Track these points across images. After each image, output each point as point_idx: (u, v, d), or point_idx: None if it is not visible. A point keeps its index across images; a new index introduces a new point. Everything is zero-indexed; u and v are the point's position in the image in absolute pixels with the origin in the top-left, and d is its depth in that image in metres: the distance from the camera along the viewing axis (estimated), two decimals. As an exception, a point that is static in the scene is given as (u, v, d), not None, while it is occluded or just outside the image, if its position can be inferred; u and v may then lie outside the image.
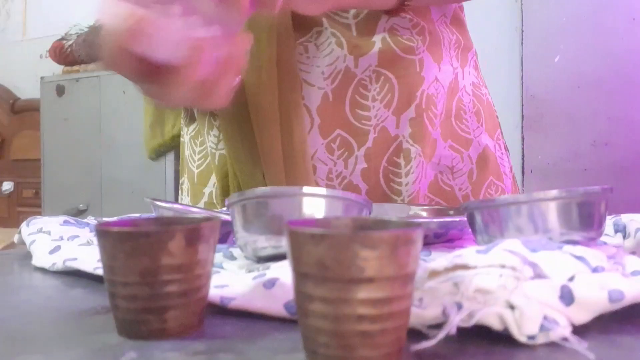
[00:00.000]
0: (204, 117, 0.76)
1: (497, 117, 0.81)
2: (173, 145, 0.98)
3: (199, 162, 0.78)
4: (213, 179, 0.76)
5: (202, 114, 0.76)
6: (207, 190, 0.76)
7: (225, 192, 0.74)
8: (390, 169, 0.70)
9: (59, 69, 3.08)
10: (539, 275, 0.33)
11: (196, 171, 0.78)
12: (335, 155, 0.69)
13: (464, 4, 0.78)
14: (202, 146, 0.77)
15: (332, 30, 0.69)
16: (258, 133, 0.68)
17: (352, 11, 0.69)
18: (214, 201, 0.76)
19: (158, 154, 1.00)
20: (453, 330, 0.29)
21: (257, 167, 0.68)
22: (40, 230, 0.58)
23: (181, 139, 0.84)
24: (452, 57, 0.75)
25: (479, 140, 0.76)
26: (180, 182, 0.84)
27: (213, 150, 0.75)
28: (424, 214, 0.65)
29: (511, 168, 0.81)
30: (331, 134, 0.69)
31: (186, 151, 0.81)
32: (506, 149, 0.81)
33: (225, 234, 0.55)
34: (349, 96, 0.69)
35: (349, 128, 0.69)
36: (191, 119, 0.79)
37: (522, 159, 1.95)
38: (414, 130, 0.70)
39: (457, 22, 0.77)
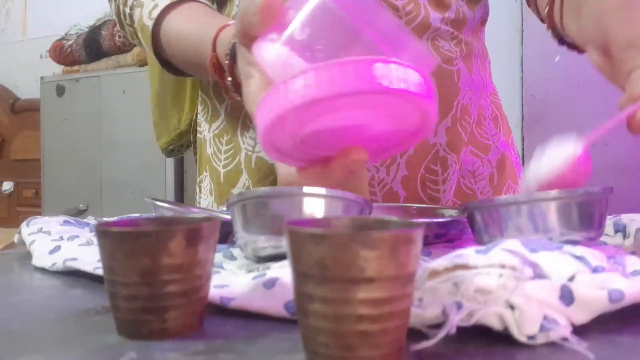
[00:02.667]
0: (236, 118, 0.74)
1: (508, 122, 0.83)
2: (183, 143, 0.97)
3: (226, 161, 0.76)
4: (243, 179, 0.74)
5: (232, 114, 0.74)
6: (235, 191, 0.75)
7: None
8: (428, 176, 0.71)
9: (59, 69, 3.08)
10: (539, 275, 0.33)
11: (222, 170, 0.76)
12: (379, 162, 0.69)
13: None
14: (230, 145, 0.75)
15: None
16: None
17: (402, 21, 0.69)
18: None
19: (169, 152, 0.99)
20: (453, 330, 0.29)
21: None
22: (40, 230, 0.58)
23: (199, 135, 0.82)
24: (480, 67, 0.77)
25: (497, 145, 0.78)
26: (197, 180, 0.82)
27: (249, 153, 0.73)
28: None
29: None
30: None
31: (208, 149, 0.78)
32: (517, 153, 0.83)
33: (225, 234, 0.55)
34: None
35: None
36: (213, 115, 0.78)
37: (522, 159, 1.95)
38: (450, 139, 0.71)
39: (476, 33, 0.77)
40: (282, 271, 0.36)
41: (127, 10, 0.75)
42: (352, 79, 0.34)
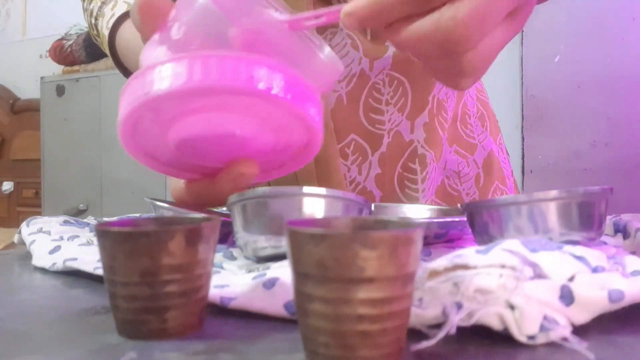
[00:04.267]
0: None
1: (497, 121, 0.81)
2: None
3: None
4: None
5: None
6: None
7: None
8: (406, 175, 0.69)
9: (59, 69, 3.08)
10: (539, 275, 0.33)
11: None
12: (349, 160, 0.68)
13: None
14: None
15: (347, 32, 0.67)
16: None
17: None
18: None
19: None
20: (453, 330, 0.29)
21: None
22: (40, 230, 0.58)
23: None
24: None
25: (484, 145, 0.76)
26: None
27: None
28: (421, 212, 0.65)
29: (512, 172, 0.81)
30: (345, 138, 0.68)
31: None
32: (507, 152, 0.81)
33: (226, 234, 0.55)
34: (363, 100, 0.68)
35: (363, 132, 0.68)
36: None
37: (522, 159, 1.95)
38: (428, 135, 0.70)
39: None
40: (282, 271, 0.36)
41: (93, 21, 0.76)
42: (213, 74, 0.30)
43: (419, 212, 0.65)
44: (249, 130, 0.34)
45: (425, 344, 0.28)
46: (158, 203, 0.59)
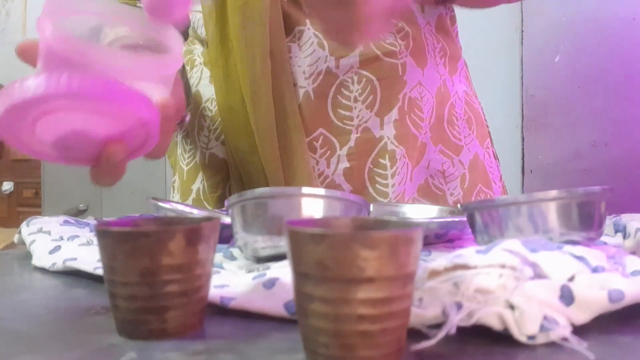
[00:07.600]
0: (193, 118, 0.77)
1: (488, 126, 0.82)
2: None
3: (188, 159, 0.79)
4: (200, 176, 0.77)
5: (192, 115, 0.78)
6: (194, 187, 0.78)
7: (214, 189, 0.75)
8: (376, 170, 0.70)
9: (59, 69, 3.08)
10: (539, 275, 0.33)
11: (185, 169, 0.80)
12: (318, 154, 0.70)
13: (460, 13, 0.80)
14: (191, 145, 0.79)
15: (314, 32, 0.70)
16: (254, 123, 0.68)
17: None
18: (201, 197, 0.77)
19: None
20: (453, 330, 0.29)
21: (256, 155, 0.69)
22: (40, 230, 0.58)
23: (174, 138, 0.85)
24: (439, 64, 0.76)
25: (470, 147, 0.77)
26: (172, 180, 0.85)
27: (204, 150, 0.76)
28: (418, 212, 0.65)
29: (500, 177, 0.82)
30: (313, 132, 0.70)
31: (178, 150, 0.82)
32: (496, 157, 0.82)
33: (226, 237, 0.55)
34: (330, 96, 0.70)
35: (330, 127, 0.70)
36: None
37: (522, 159, 1.95)
38: (398, 132, 0.71)
39: (443, 31, 0.78)
40: (282, 271, 0.36)
41: None
42: (73, 85, 0.39)
43: (419, 212, 0.65)
44: (94, 122, 0.42)
45: (425, 344, 0.28)
46: (161, 204, 0.59)
